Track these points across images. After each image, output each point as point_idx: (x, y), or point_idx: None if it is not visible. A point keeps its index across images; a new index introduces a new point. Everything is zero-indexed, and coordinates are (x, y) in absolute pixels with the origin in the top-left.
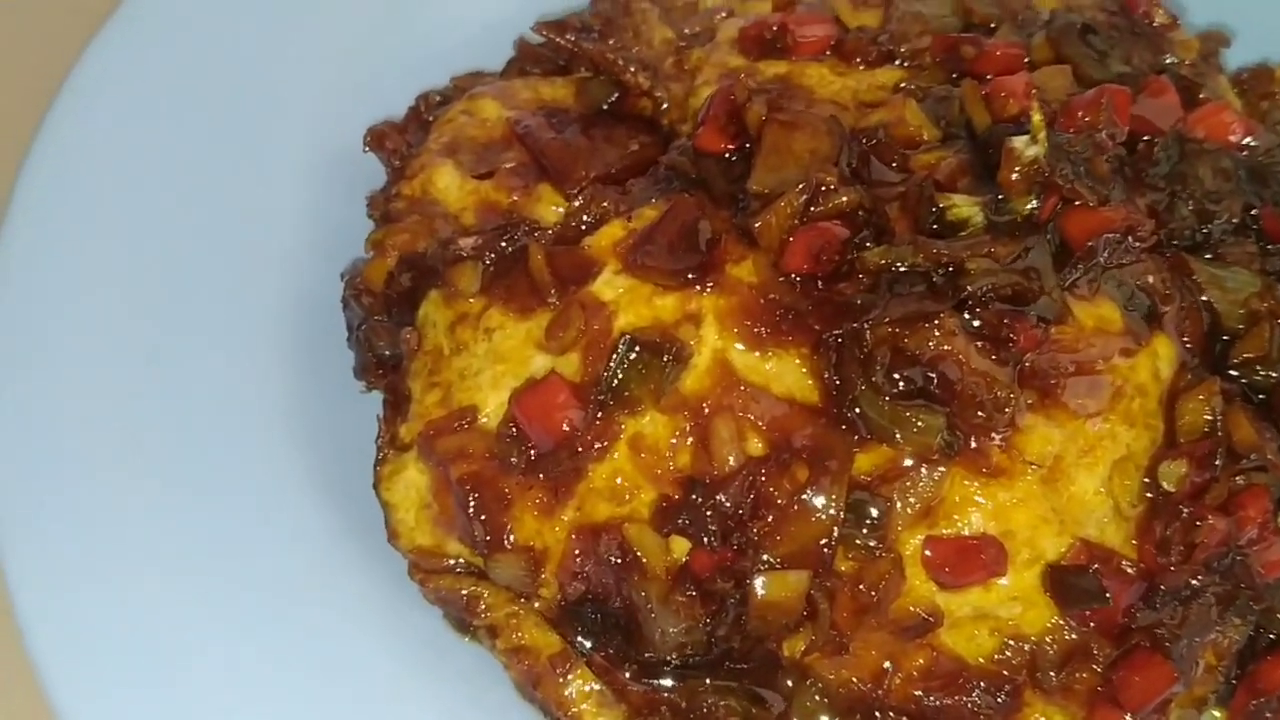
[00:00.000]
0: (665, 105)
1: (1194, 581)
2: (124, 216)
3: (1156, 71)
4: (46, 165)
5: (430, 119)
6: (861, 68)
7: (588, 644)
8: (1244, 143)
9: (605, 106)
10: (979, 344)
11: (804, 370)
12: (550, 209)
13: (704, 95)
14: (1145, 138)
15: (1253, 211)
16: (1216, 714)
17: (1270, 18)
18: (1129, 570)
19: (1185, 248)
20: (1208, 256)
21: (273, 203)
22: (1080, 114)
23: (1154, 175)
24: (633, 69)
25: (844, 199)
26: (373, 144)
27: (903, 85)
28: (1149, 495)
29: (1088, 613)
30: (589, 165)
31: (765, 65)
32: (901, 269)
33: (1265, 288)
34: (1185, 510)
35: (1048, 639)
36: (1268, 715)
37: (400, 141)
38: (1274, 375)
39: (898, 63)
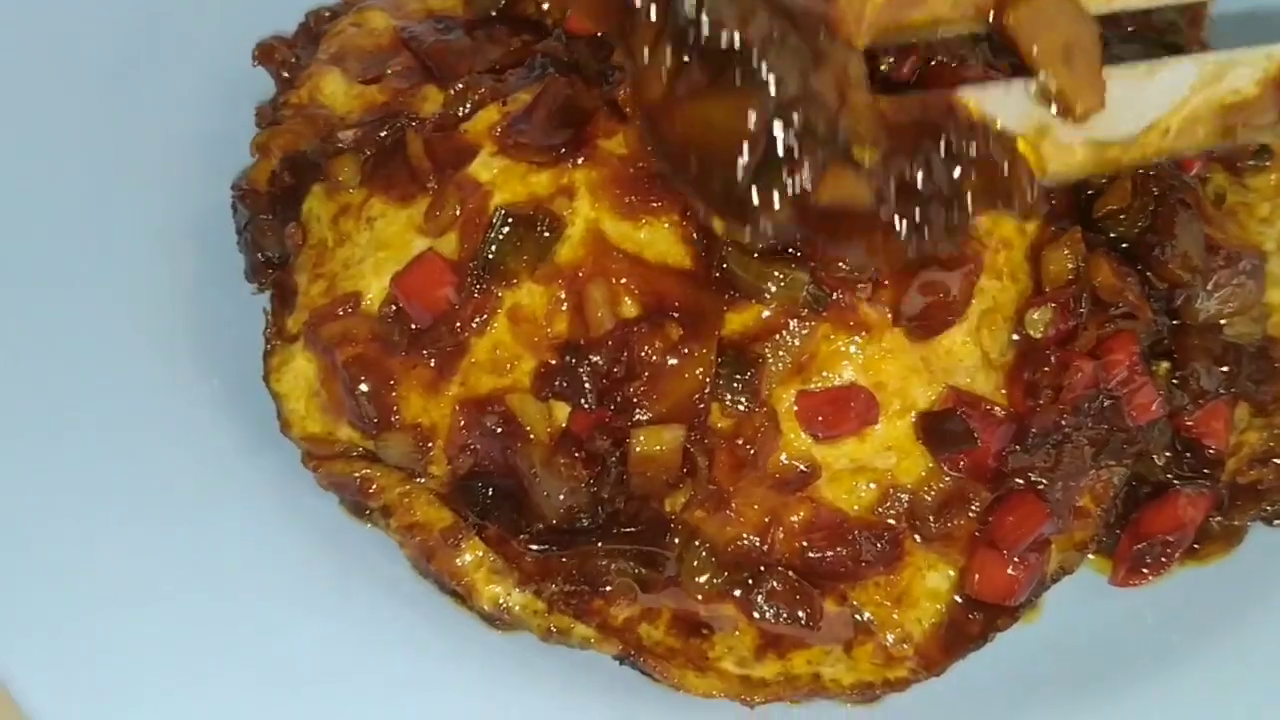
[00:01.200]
0: (546, 5)
1: (1064, 424)
2: (15, 137)
3: None
4: None
5: (320, 33)
6: None
7: (477, 518)
8: None
9: (494, 13)
10: None
11: (675, 235)
12: (435, 107)
13: None
14: None
15: None
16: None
17: None
18: (998, 414)
19: None
20: None
21: (166, 122)
22: None
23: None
24: None
25: None
26: (261, 58)
27: None
28: (1017, 344)
29: (960, 458)
30: (472, 63)
31: None
32: None
33: None
34: (1053, 356)
35: (924, 487)
36: (1148, 560)
37: (289, 55)
38: (1137, 226)
39: None
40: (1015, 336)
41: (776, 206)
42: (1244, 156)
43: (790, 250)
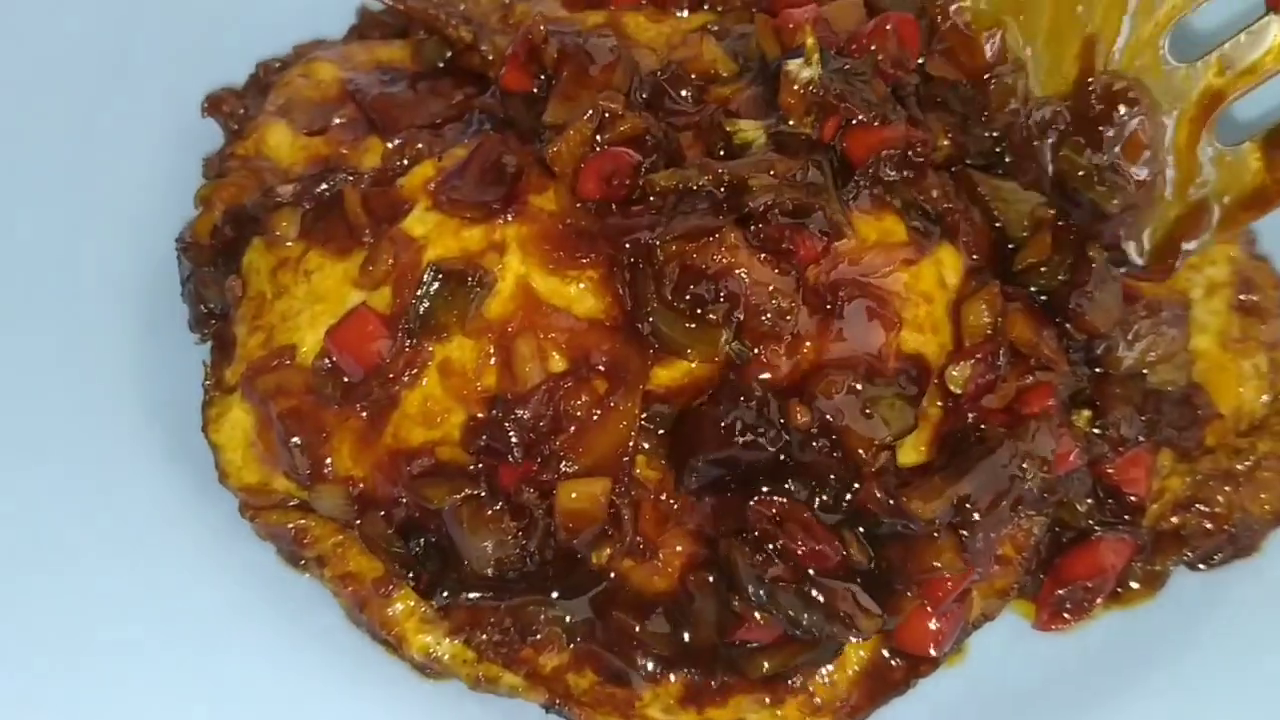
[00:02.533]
0: (491, 58)
1: None
2: None
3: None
4: None
5: (270, 84)
6: (676, 14)
7: (408, 569)
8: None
9: (441, 65)
10: (761, 257)
11: (602, 291)
12: (377, 159)
13: None
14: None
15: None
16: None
17: None
18: None
19: (982, 166)
20: (1000, 173)
21: (115, 172)
22: (865, 42)
23: (949, 99)
24: (454, 23)
25: (628, 125)
26: (210, 109)
27: (708, 26)
28: (939, 401)
29: None
30: (414, 116)
31: (586, 15)
32: (689, 189)
33: (1049, 200)
34: (971, 415)
35: None
36: (1070, 605)
37: (238, 105)
38: (1057, 278)
39: (707, 8)
40: (937, 390)
41: None
42: None
43: (712, 307)
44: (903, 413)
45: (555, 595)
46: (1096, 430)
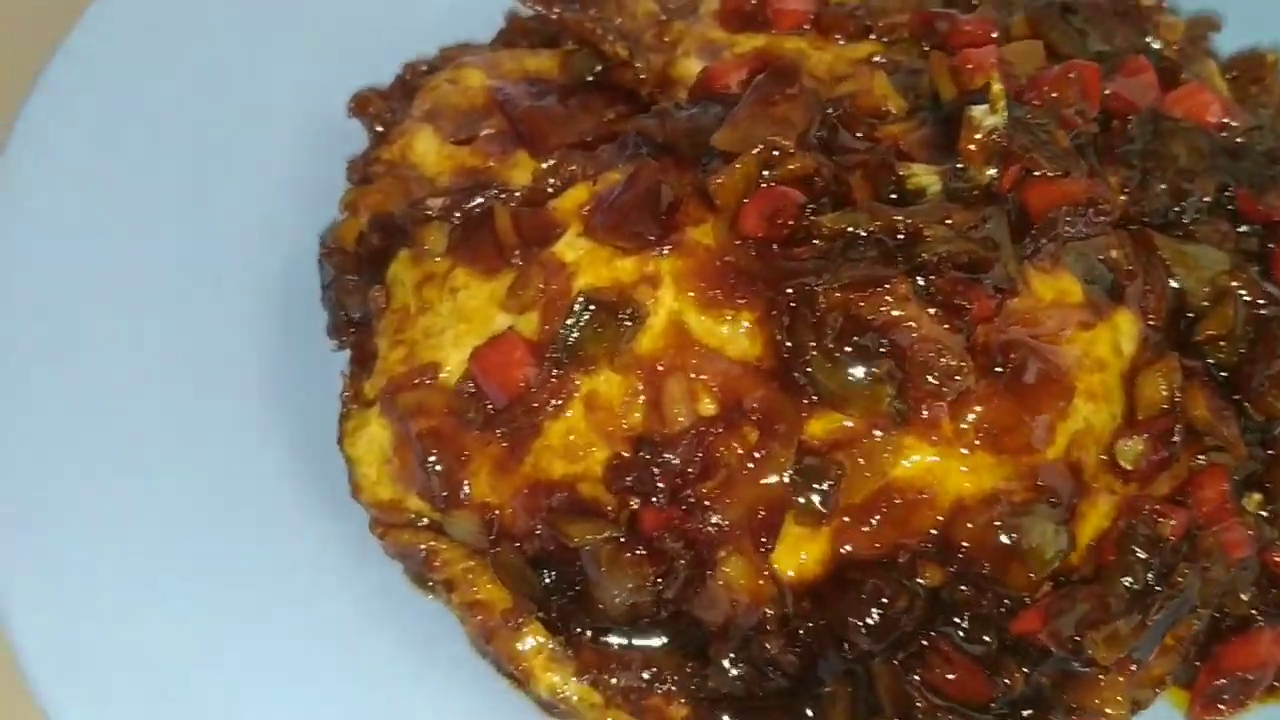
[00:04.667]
0: (644, 76)
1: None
2: (118, 177)
3: (1138, 52)
4: (35, 137)
5: (416, 87)
6: (840, 42)
7: (537, 604)
8: (1223, 123)
9: (590, 78)
10: (931, 311)
11: (757, 333)
12: (526, 175)
13: (683, 66)
14: (1121, 117)
15: (1227, 191)
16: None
17: (1262, 3)
18: None
19: (1157, 225)
20: (1178, 234)
21: (259, 168)
22: (1047, 89)
23: (1127, 153)
24: (611, 38)
25: (798, 164)
26: (356, 110)
27: (875, 58)
28: (1106, 478)
29: None
30: (564, 132)
31: (744, 38)
32: (858, 235)
33: (1233, 266)
34: (1146, 508)
35: None
36: (1226, 696)
37: (384, 108)
38: (1238, 353)
39: (874, 37)
40: (1106, 463)
41: None
42: None
43: (876, 361)
44: (1057, 537)
45: (685, 647)
46: (1265, 514)
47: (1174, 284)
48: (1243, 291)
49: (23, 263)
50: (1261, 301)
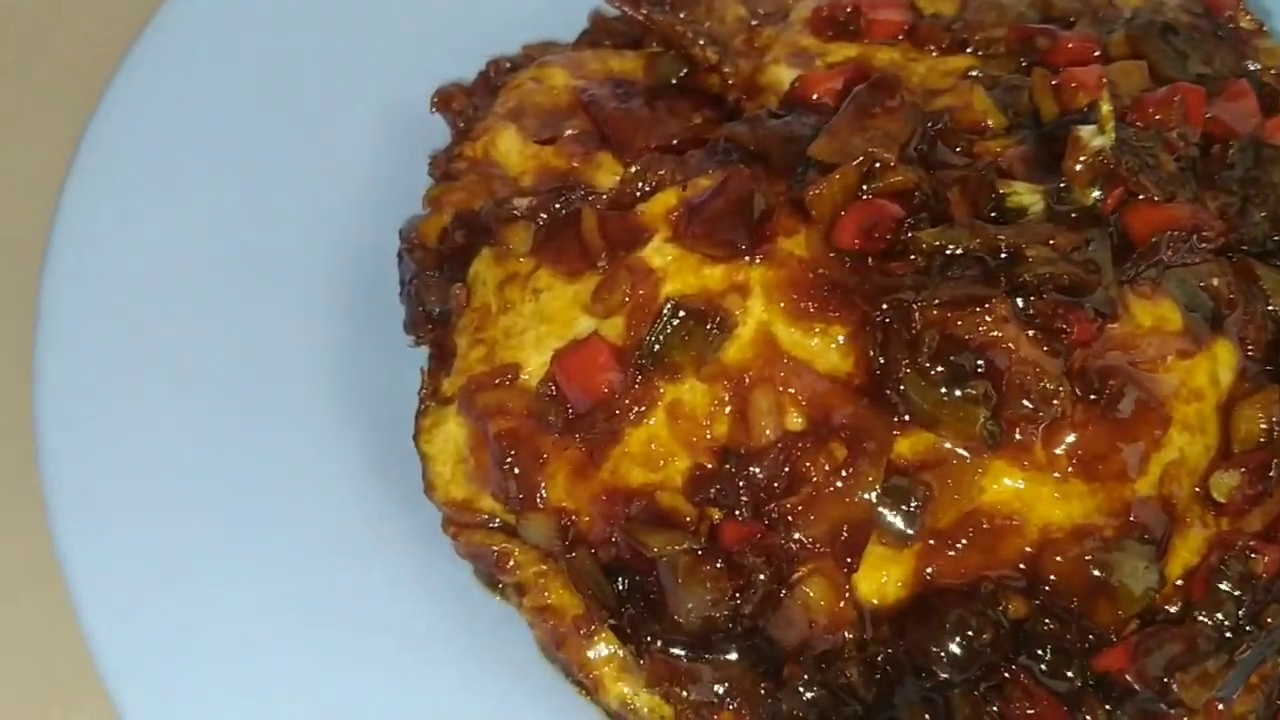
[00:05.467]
0: (731, 81)
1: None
2: (197, 163)
3: (1238, 76)
4: (116, 123)
5: (499, 85)
6: (934, 54)
7: (609, 611)
8: None
9: (674, 81)
10: (1030, 333)
11: (849, 348)
12: (610, 177)
13: (772, 73)
14: (1221, 142)
15: None
16: None
17: None
18: None
19: (1256, 254)
20: (1278, 264)
21: (340, 160)
22: (1151, 111)
23: (1227, 179)
24: (701, 42)
25: (899, 177)
26: (439, 105)
27: (973, 72)
28: (1198, 512)
29: None
30: (650, 135)
31: (836, 47)
32: (956, 252)
33: None
34: (1238, 543)
35: None
36: None
37: (467, 104)
38: None
39: (970, 50)
40: (1199, 496)
41: None
42: None
43: (972, 382)
44: (1148, 574)
45: (759, 666)
46: None
47: (1274, 314)
48: None
49: (104, 252)
50: None
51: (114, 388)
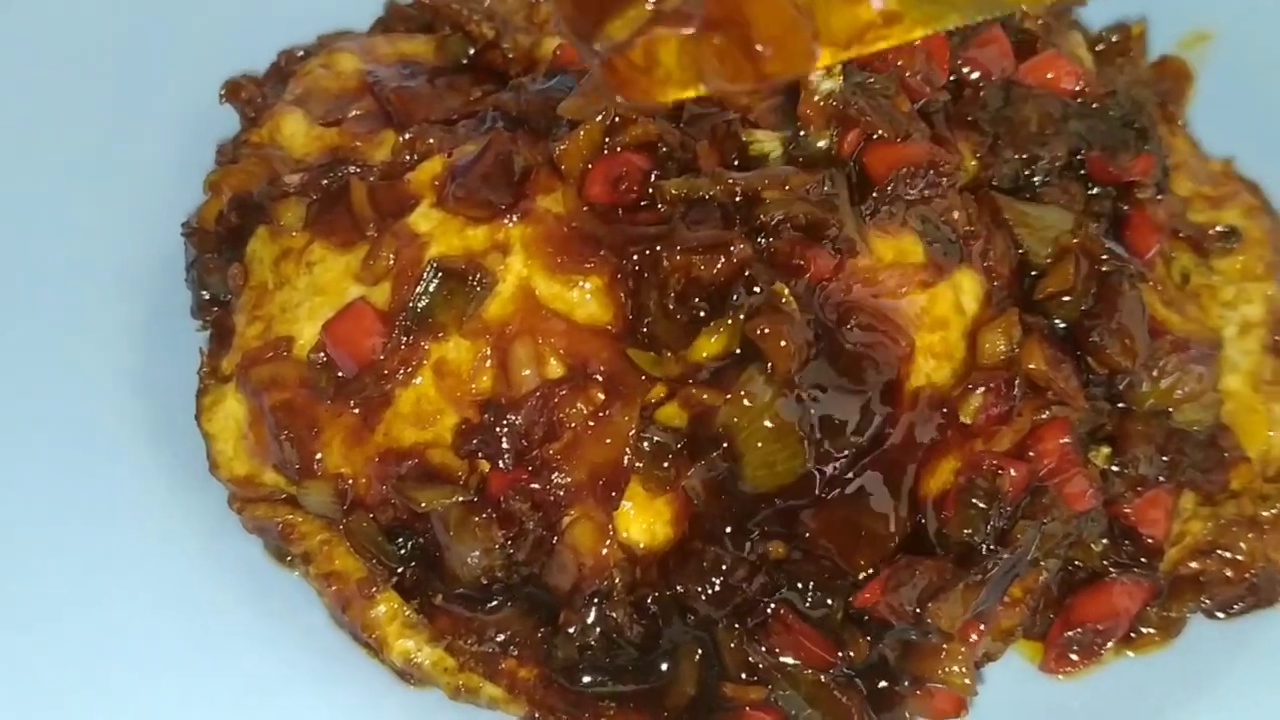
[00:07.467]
0: (511, 56)
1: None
2: None
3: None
4: None
5: (290, 73)
6: None
7: (388, 571)
8: (1077, 90)
9: (465, 61)
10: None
11: (605, 298)
12: (389, 153)
13: (546, 46)
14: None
15: (1080, 155)
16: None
17: None
18: None
19: (1009, 189)
20: (1027, 197)
21: (132, 157)
22: (892, 56)
23: (979, 118)
24: (476, 19)
25: (641, 129)
26: (229, 95)
27: None
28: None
29: None
30: (430, 111)
31: None
32: (700, 199)
33: (1076, 225)
34: (987, 463)
35: None
36: (1078, 647)
37: (257, 93)
38: (1079, 309)
39: None
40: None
41: None
42: (1211, 239)
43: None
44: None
45: (537, 613)
46: (1115, 468)
47: (1020, 243)
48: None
49: None
50: (1104, 258)
51: None
